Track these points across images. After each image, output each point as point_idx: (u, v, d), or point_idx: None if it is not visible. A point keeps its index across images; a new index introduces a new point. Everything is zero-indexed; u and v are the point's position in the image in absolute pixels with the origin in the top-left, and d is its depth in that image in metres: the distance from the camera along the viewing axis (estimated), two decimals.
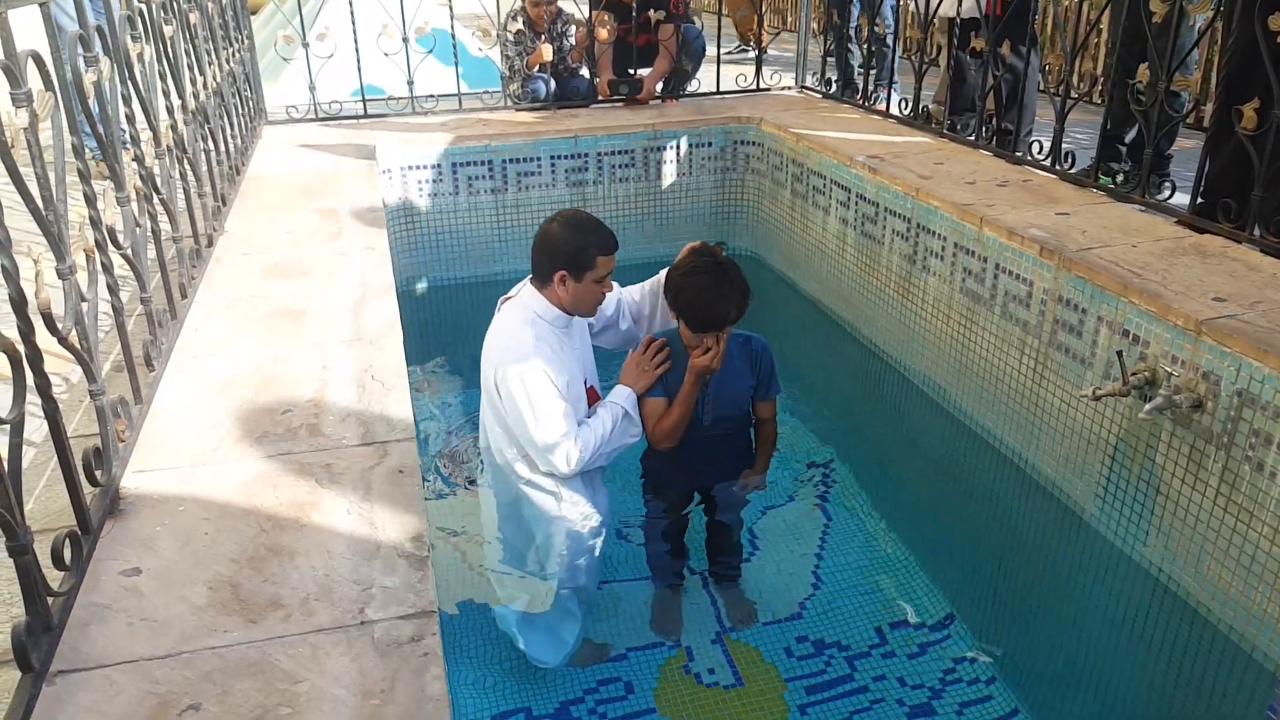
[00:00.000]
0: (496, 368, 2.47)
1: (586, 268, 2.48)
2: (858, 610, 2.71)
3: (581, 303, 2.55)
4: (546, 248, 2.50)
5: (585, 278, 2.49)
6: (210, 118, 3.26)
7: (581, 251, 2.47)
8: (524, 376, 2.41)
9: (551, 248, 2.49)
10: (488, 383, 2.54)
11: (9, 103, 1.44)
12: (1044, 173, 3.69)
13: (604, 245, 2.51)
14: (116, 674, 1.36)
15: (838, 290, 4.29)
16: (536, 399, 2.42)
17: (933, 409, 3.58)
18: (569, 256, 2.46)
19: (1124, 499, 2.68)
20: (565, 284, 2.48)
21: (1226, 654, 2.36)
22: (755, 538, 2.97)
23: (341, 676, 1.35)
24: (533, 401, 2.42)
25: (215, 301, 2.67)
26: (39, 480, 1.95)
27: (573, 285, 2.49)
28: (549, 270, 2.49)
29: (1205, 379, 2.36)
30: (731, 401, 2.68)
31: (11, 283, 1.38)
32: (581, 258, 2.47)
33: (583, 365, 2.68)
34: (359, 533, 1.67)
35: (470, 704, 2.41)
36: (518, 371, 2.41)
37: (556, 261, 2.47)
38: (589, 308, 2.60)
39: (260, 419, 2.04)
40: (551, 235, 2.50)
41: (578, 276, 2.48)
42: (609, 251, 2.52)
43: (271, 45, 5.36)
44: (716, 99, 5.46)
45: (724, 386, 2.65)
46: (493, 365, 2.49)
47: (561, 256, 2.46)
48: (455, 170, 4.61)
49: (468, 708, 2.39)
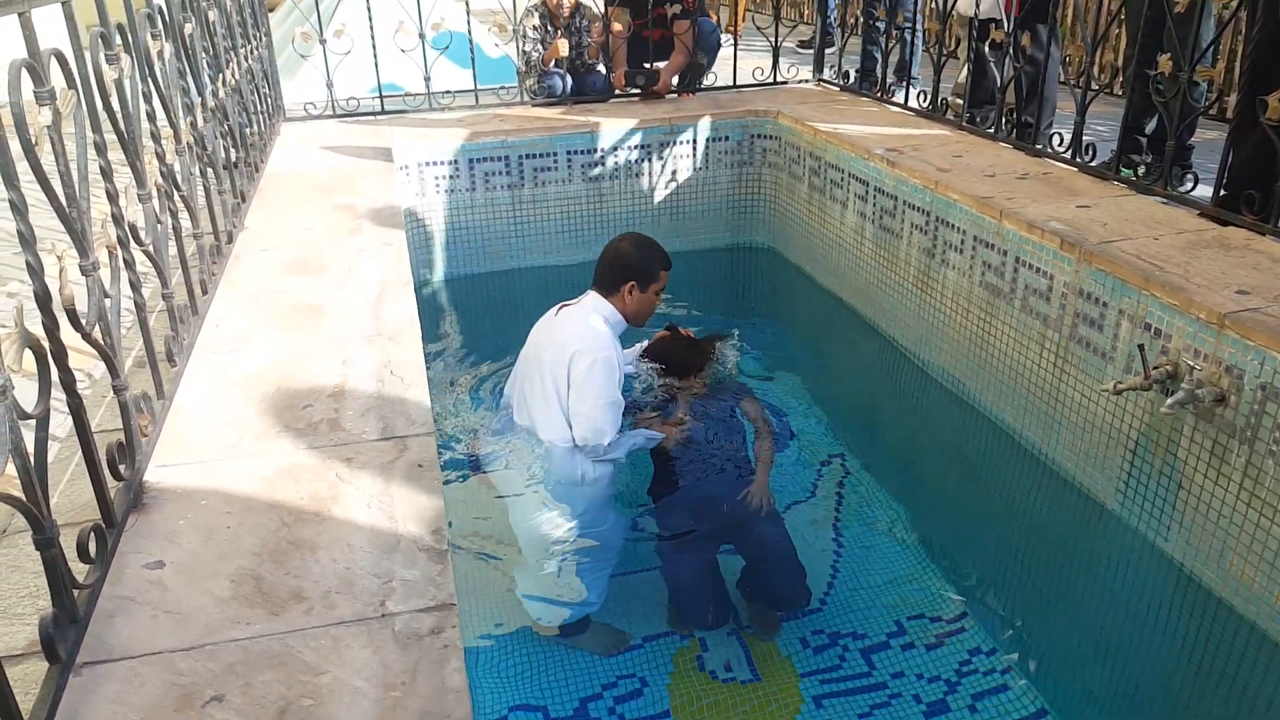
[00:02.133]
0: (577, 353, 2.71)
1: (652, 280, 2.87)
2: (875, 604, 2.70)
3: (642, 311, 2.92)
4: (619, 262, 2.86)
5: (650, 289, 2.88)
6: (229, 115, 3.28)
7: (650, 266, 2.86)
8: (602, 364, 2.70)
9: (625, 262, 2.85)
10: (558, 367, 2.73)
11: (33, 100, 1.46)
12: (1064, 165, 3.66)
13: (666, 261, 2.92)
14: (141, 665, 1.37)
15: (856, 284, 4.28)
16: (604, 385, 2.70)
17: (952, 403, 3.57)
18: (639, 269, 2.84)
19: (1146, 493, 2.66)
20: (632, 294, 2.85)
21: (1250, 649, 2.34)
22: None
23: (363, 668, 1.36)
24: (602, 386, 2.69)
25: (236, 297, 2.69)
26: (63, 474, 1.98)
27: (638, 295, 2.86)
28: (620, 281, 2.85)
29: (1228, 373, 2.34)
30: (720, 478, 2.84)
31: (37, 279, 1.39)
32: (649, 270, 2.86)
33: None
34: (379, 526, 1.68)
35: (488, 697, 2.42)
36: (601, 359, 2.69)
37: (629, 274, 2.84)
38: (646, 316, 2.97)
39: (281, 414, 2.06)
40: (623, 251, 2.88)
41: (644, 288, 2.86)
42: (669, 267, 2.92)
43: (289, 42, 5.39)
44: (733, 93, 5.44)
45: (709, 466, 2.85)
46: (571, 350, 2.71)
47: (633, 270, 2.84)
48: (472, 166, 4.62)
49: (486, 701, 2.40)
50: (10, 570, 1.68)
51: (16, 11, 1.41)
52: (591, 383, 2.68)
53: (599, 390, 2.68)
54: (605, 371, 2.70)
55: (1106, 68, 5.81)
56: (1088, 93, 3.47)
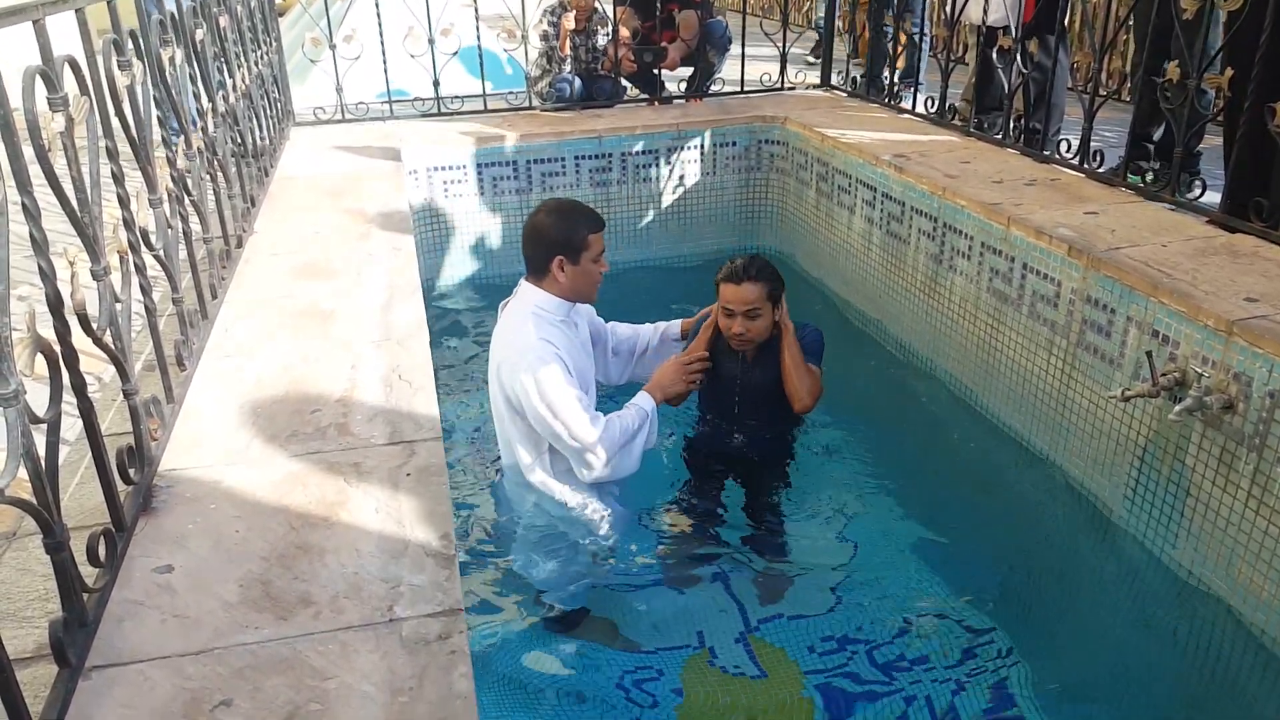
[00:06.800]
0: (500, 367, 2.50)
1: (582, 248, 2.56)
2: (882, 608, 2.69)
3: (582, 285, 2.61)
4: (538, 238, 2.57)
5: (582, 259, 2.57)
6: (240, 119, 3.29)
7: (574, 233, 2.55)
8: (536, 373, 2.45)
9: (543, 237, 2.56)
10: (493, 390, 2.57)
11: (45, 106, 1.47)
12: (1072, 171, 3.66)
13: (593, 223, 2.60)
14: (150, 669, 1.38)
15: (863, 290, 4.28)
16: (551, 395, 2.45)
17: (959, 409, 3.56)
18: (563, 241, 2.54)
19: (1153, 501, 2.66)
20: (564, 269, 2.55)
21: (1260, 658, 2.33)
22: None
23: (370, 673, 1.37)
24: (547, 398, 2.45)
25: (245, 301, 2.70)
26: (73, 477, 1.99)
27: (571, 269, 2.56)
28: (545, 260, 2.56)
29: (1236, 380, 2.33)
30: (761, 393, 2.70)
31: (49, 284, 1.40)
32: (575, 239, 2.55)
33: (589, 359, 2.73)
34: (387, 531, 1.68)
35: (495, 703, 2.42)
36: (528, 368, 2.46)
37: (553, 249, 2.54)
38: (590, 289, 2.66)
39: (290, 418, 2.06)
40: (541, 225, 2.58)
41: (575, 259, 2.55)
42: (599, 229, 2.61)
43: (299, 47, 5.41)
44: (740, 98, 5.45)
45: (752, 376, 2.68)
46: (495, 362, 2.52)
47: (556, 243, 2.54)
48: (480, 171, 4.63)
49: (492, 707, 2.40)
50: (20, 573, 1.69)
51: (31, 19, 1.42)
52: (535, 399, 2.44)
53: (549, 405, 2.44)
54: (546, 376, 2.44)
55: (1115, 74, 5.80)
56: (1095, 99, 3.47)
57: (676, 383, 2.71)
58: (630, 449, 2.62)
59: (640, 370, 3.04)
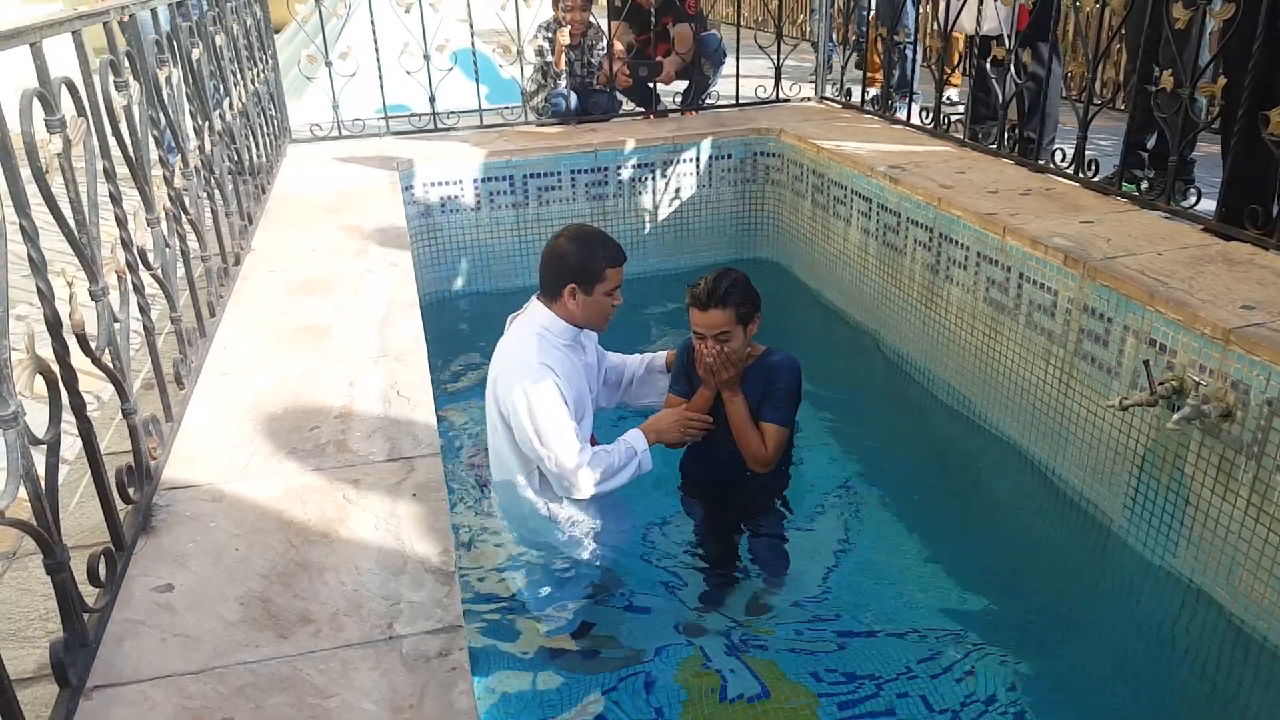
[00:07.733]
0: (497, 381, 2.49)
1: (596, 280, 2.52)
2: (880, 619, 2.68)
3: (592, 316, 2.59)
4: (555, 262, 2.54)
5: (595, 290, 2.54)
6: (236, 137, 3.30)
7: (591, 264, 2.52)
8: (529, 394, 2.44)
9: (561, 262, 2.53)
10: (489, 403, 2.55)
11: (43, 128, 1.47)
12: (1067, 181, 3.68)
13: (613, 257, 2.55)
14: (151, 689, 1.38)
15: (860, 301, 4.29)
16: (540, 417, 2.44)
17: (957, 419, 3.56)
18: (579, 270, 2.51)
19: (1153, 510, 2.66)
20: (575, 297, 2.53)
21: (1261, 667, 2.33)
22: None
23: (371, 691, 1.36)
24: (536, 420, 2.44)
25: (243, 319, 2.70)
26: (72, 496, 1.98)
27: (583, 298, 2.53)
28: (558, 285, 2.54)
29: (1234, 388, 2.34)
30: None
31: (47, 304, 1.40)
32: (591, 270, 2.52)
33: (591, 384, 2.71)
34: (387, 548, 1.68)
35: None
36: (522, 387, 2.44)
37: (566, 275, 2.52)
38: (600, 321, 2.64)
39: (289, 435, 2.06)
40: (560, 250, 2.54)
41: (588, 289, 2.53)
42: (618, 263, 2.56)
43: (295, 64, 5.43)
44: (736, 110, 5.47)
45: (734, 403, 2.68)
46: (494, 382, 2.50)
47: (571, 270, 2.51)
48: (477, 186, 4.64)
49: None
50: (20, 594, 1.69)
51: (29, 41, 1.43)
52: (524, 417, 2.43)
53: (541, 424, 2.43)
54: (540, 397, 2.42)
55: (1108, 83, 5.83)
56: (1090, 108, 3.48)
57: (673, 432, 2.69)
58: (612, 483, 2.60)
59: (626, 399, 3.05)
